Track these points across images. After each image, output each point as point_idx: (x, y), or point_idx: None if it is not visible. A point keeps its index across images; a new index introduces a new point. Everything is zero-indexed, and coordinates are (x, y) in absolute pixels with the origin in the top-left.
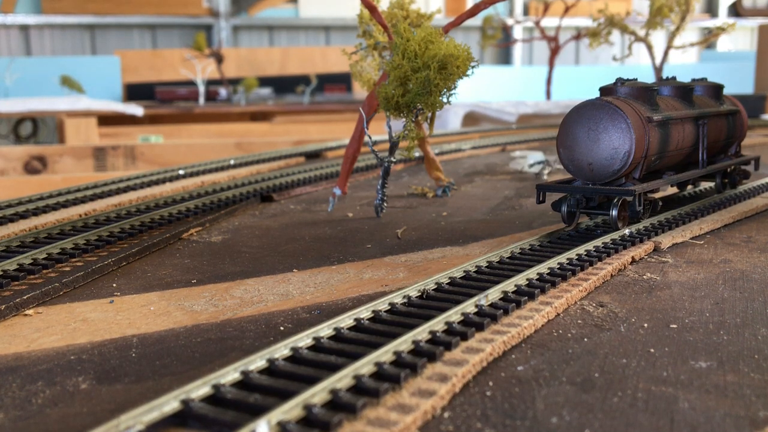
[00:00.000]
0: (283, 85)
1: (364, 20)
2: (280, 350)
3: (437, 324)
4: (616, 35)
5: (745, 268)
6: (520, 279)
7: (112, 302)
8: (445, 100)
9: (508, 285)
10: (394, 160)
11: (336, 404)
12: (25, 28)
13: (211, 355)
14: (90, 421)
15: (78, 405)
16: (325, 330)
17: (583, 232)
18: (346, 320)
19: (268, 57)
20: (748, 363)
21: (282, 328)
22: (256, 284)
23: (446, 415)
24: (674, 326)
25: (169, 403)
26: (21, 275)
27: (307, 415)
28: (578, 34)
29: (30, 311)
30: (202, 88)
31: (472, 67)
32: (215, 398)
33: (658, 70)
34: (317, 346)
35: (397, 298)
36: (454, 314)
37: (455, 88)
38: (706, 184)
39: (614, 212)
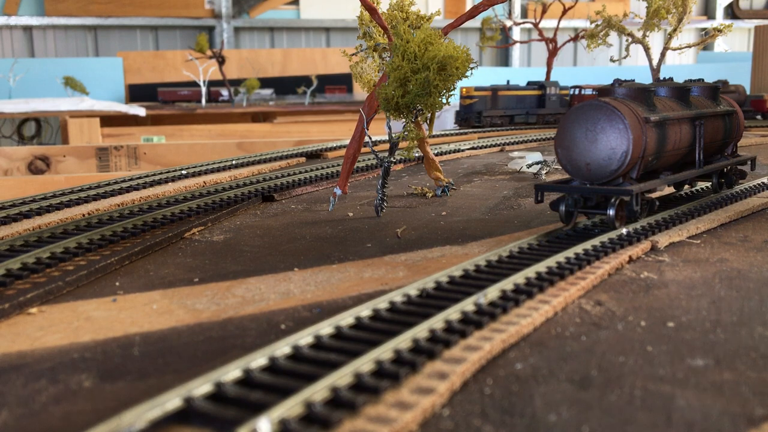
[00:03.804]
0: (284, 86)
1: (365, 22)
2: (282, 348)
3: (437, 322)
4: (613, 36)
5: (741, 267)
6: (519, 278)
7: (115, 301)
8: (444, 100)
9: (507, 284)
10: (393, 160)
11: (337, 401)
12: (28, 30)
13: (213, 353)
14: (93, 418)
15: (81, 403)
16: (325, 328)
17: (581, 231)
18: (346, 318)
19: (270, 58)
20: (745, 361)
21: (283, 326)
22: (258, 283)
23: (446, 412)
24: (671, 325)
25: (171, 401)
26: (25, 274)
27: (308, 412)
28: (576, 36)
29: (33, 310)
30: (204, 89)
31: (471, 68)
32: (217, 396)
33: (655, 71)
34: (318, 344)
35: (397, 297)
36: (453, 312)
37: (454, 89)
38: (702, 184)
39: (612, 212)
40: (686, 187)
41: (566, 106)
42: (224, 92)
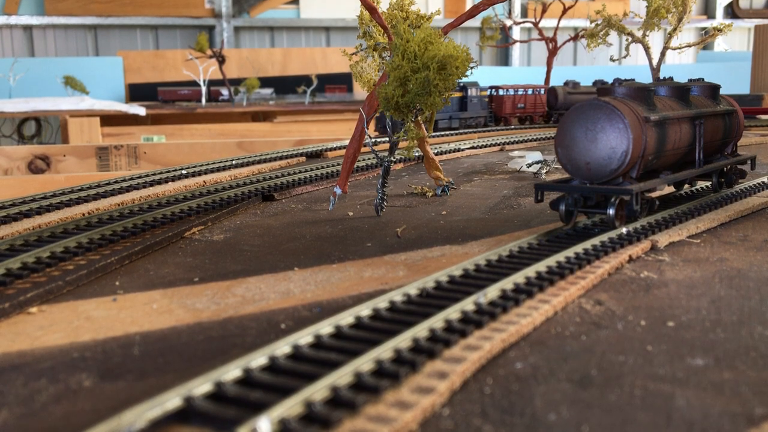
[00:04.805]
0: (284, 85)
1: (365, 21)
2: (282, 347)
3: (437, 321)
4: (613, 36)
5: (741, 267)
6: (519, 277)
7: (115, 300)
8: (444, 100)
9: (507, 283)
10: (393, 159)
11: (337, 401)
12: (28, 29)
13: (213, 352)
14: (93, 418)
15: (81, 402)
16: (325, 327)
17: (580, 230)
18: (346, 318)
19: (270, 58)
20: (745, 360)
21: (283, 325)
22: (258, 282)
23: (446, 412)
24: (671, 324)
25: (171, 400)
26: (25, 273)
27: (308, 412)
28: (576, 35)
29: (34, 309)
30: (204, 89)
31: (471, 67)
32: (217, 395)
33: (655, 70)
34: (318, 343)
35: (397, 296)
36: (453, 312)
37: (455, 87)
38: (702, 184)
39: (612, 211)
40: (686, 186)
41: (487, 108)
42: (224, 92)
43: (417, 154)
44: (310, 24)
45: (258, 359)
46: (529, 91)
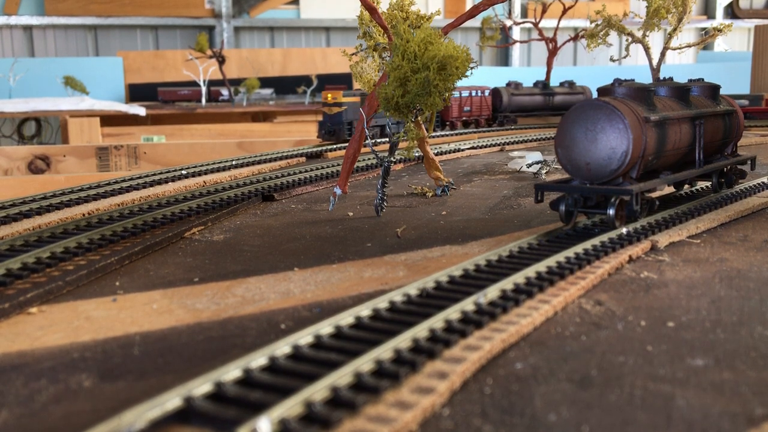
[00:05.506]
0: (284, 85)
1: (365, 21)
2: (282, 348)
3: (437, 322)
4: (613, 36)
5: (741, 267)
6: (519, 277)
7: (115, 300)
8: (443, 100)
9: (507, 283)
10: (393, 159)
11: (337, 401)
12: (28, 29)
13: (213, 352)
14: (93, 418)
15: (81, 402)
16: (325, 328)
17: (581, 231)
18: (346, 318)
19: (270, 58)
20: (745, 361)
21: (283, 326)
22: (258, 282)
23: (446, 412)
24: (671, 324)
25: (171, 401)
26: (25, 274)
27: (308, 412)
28: (576, 35)
29: (34, 309)
30: (204, 89)
31: (471, 68)
32: (217, 395)
33: (655, 71)
34: (318, 343)
35: (397, 296)
36: (453, 312)
37: (454, 88)
38: (702, 184)
39: (612, 211)
40: (686, 186)
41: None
42: (224, 92)
43: (417, 154)
44: (310, 24)
45: (258, 359)
46: (474, 93)
